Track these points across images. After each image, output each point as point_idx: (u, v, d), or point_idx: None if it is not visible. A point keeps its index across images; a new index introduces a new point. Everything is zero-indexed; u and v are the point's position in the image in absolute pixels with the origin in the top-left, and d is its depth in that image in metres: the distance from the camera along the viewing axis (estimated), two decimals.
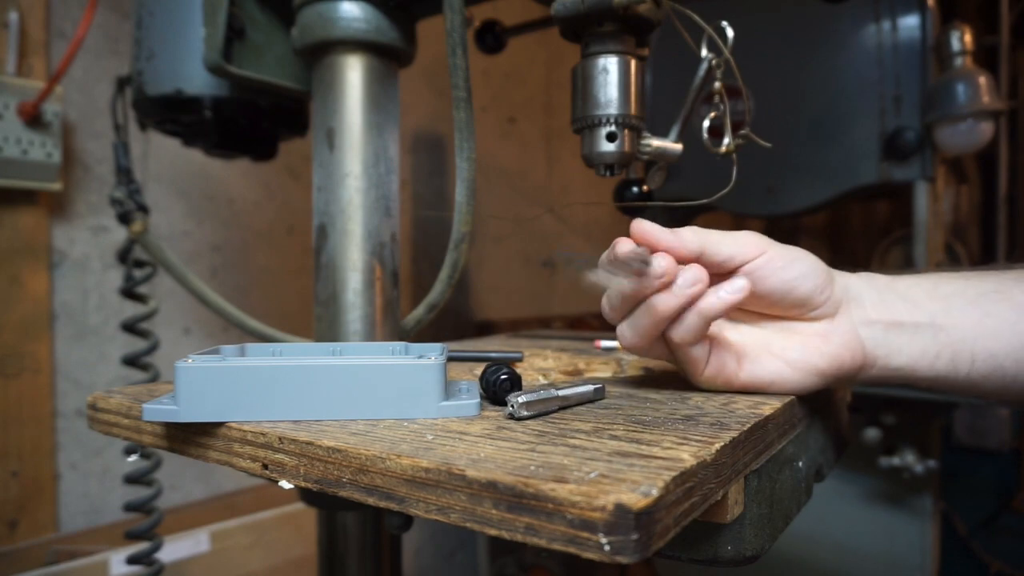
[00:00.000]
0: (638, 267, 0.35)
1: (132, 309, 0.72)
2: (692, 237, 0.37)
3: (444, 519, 0.27)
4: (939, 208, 1.21)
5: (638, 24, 0.48)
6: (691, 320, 0.36)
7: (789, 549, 1.22)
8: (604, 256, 0.38)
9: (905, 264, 1.42)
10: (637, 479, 0.24)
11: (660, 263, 0.35)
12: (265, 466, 0.33)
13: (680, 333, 0.36)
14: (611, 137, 0.49)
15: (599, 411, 0.36)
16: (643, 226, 0.37)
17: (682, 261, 0.36)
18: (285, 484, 0.33)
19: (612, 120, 0.49)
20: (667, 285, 0.35)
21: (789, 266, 0.38)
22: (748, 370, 0.39)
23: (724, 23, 0.49)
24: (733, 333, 0.40)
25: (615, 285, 0.37)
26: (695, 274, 0.35)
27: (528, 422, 0.34)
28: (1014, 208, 1.77)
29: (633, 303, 0.37)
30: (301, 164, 1.26)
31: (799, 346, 0.39)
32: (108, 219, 1.00)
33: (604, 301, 0.38)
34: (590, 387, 0.39)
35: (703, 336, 0.37)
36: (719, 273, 0.38)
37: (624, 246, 0.36)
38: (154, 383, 0.52)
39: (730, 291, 0.35)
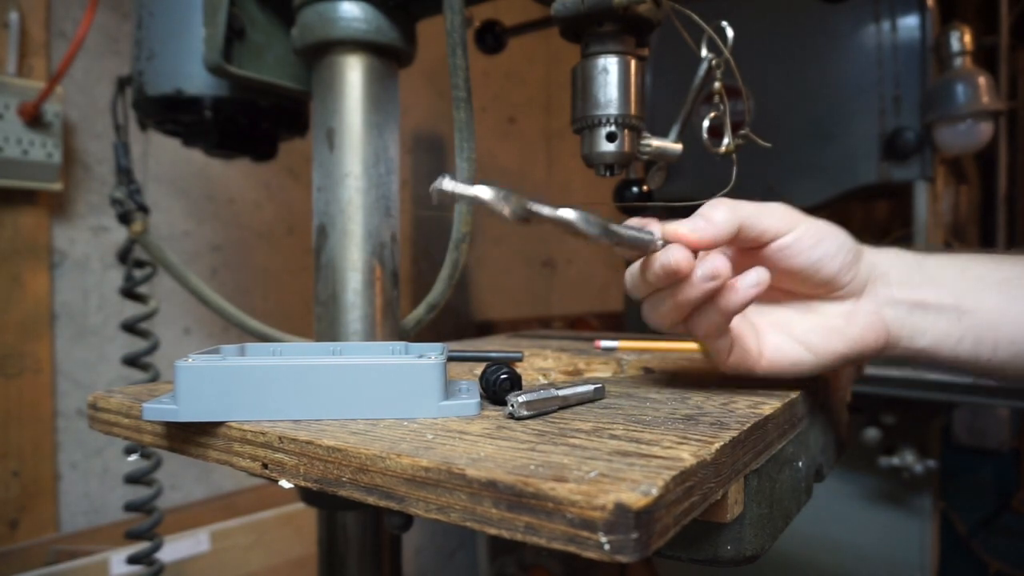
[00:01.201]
0: (641, 249, 0.34)
1: (132, 309, 0.72)
2: (725, 219, 0.35)
3: (444, 518, 0.27)
4: (938, 208, 1.21)
5: (638, 24, 0.48)
6: (712, 316, 0.35)
7: (789, 549, 1.22)
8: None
9: None
10: (637, 478, 0.24)
11: (674, 256, 0.33)
12: (265, 465, 0.33)
13: (702, 327, 0.36)
14: (611, 137, 0.49)
15: (599, 411, 0.36)
16: (675, 229, 0.34)
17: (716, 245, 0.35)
18: (285, 484, 0.33)
19: (612, 120, 0.49)
20: (683, 278, 0.34)
21: (817, 245, 0.36)
22: (769, 358, 0.39)
23: (724, 23, 0.49)
24: (754, 314, 0.40)
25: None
26: (714, 269, 0.33)
27: (528, 422, 0.34)
28: (1013, 208, 1.76)
29: (653, 286, 0.36)
30: (301, 164, 1.26)
31: (821, 330, 0.38)
32: (108, 219, 1.00)
33: (627, 276, 0.37)
34: (590, 387, 0.39)
35: (725, 330, 0.37)
36: (748, 248, 0.37)
37: (622, 231, 0.34)
38: (154, 383, 0.52)
39: (750, 284, 0.34)
